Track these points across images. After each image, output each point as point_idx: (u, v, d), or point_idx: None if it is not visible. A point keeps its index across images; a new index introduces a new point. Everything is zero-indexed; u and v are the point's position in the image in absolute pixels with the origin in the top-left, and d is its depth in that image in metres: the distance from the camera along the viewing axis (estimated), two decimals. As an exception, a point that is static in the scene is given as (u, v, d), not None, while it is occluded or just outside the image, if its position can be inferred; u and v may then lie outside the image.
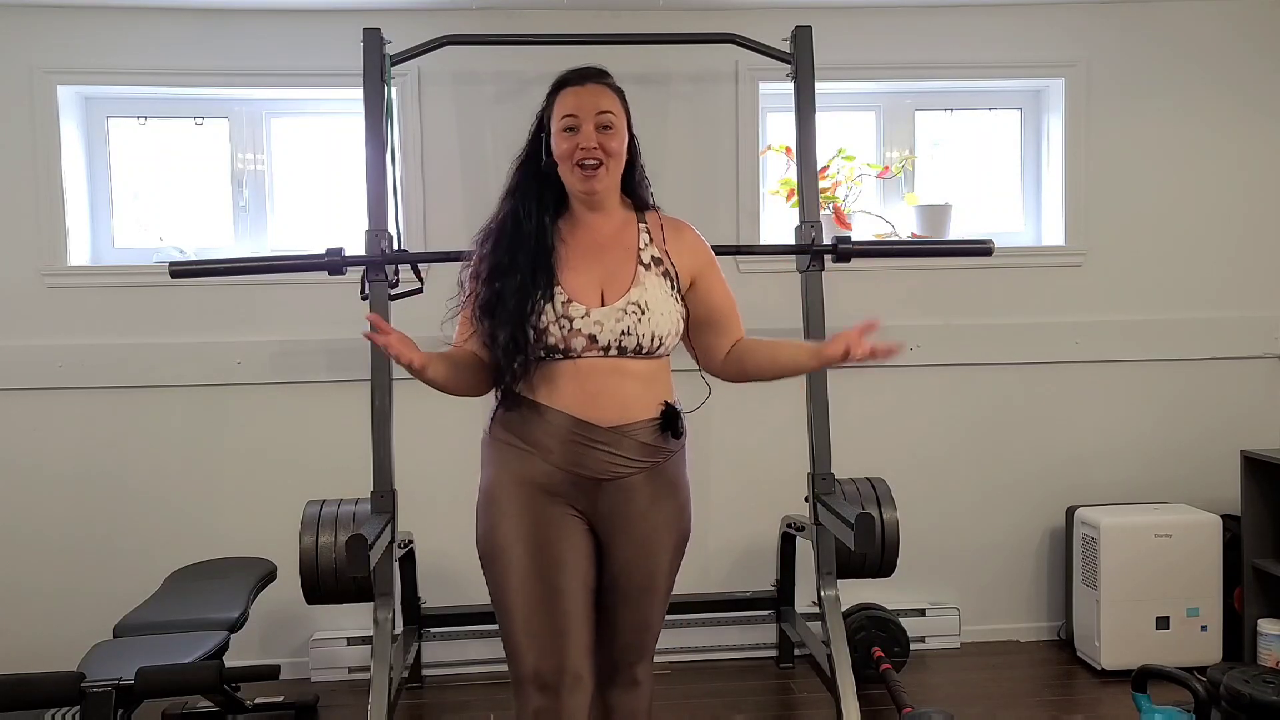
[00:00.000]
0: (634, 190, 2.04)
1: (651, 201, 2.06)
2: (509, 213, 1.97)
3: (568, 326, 1.87)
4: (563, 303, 1.88)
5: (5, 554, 3.39)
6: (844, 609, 2.92)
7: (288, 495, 3.13)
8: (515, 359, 1.87)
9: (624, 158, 1.97)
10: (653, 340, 1.90)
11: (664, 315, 1.92)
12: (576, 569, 1.92)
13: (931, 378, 3.59)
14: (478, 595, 3.19)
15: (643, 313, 1.89)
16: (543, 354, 1.88)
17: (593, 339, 1.88)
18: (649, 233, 2.00)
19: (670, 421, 1.95)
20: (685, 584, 3.44)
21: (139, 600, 2.71)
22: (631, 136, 2.01)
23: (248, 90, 3.45)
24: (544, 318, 1.87)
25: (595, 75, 1.98)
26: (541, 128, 1.99)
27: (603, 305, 1.90)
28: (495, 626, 1.98)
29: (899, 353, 1.93)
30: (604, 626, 2.01)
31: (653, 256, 1.97)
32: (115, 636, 2.47)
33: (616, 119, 1.95)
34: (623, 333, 1.88)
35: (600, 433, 1.89)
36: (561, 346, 1.87)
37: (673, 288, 1.96)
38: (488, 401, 2.03)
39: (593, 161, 1.91)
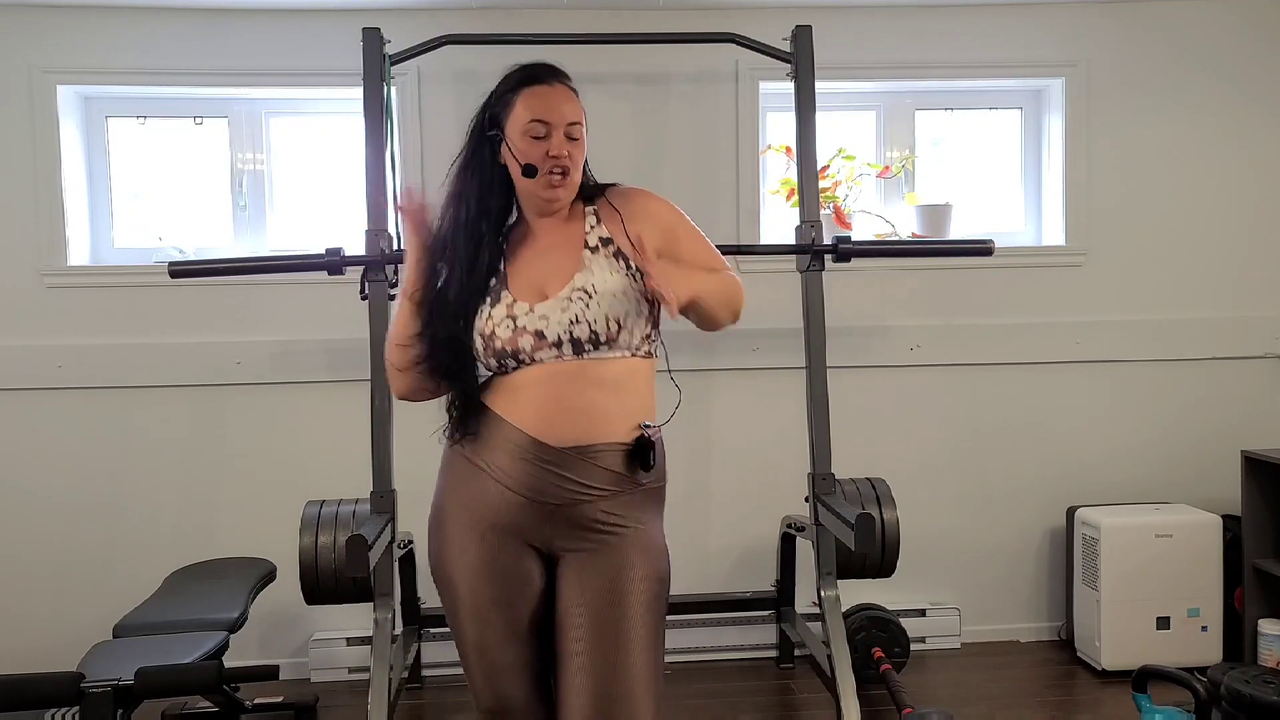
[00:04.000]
0: (582, 186, 1.88)
1: (595, 186, 1.89)
2: (452, 227, 1.81)
3: (512, 326, 1.73)
4: (508, 304, 1.76)
5: (5, 554, 3.39)
6: (844, 609, 2.92)
7: (288, 495, 3.13)
8: (455, 383, 1.78)
9: (582, 167, 1.84)
10: (608, 324, 1.73)
11: (615, 296, 1.74)
12: (526, 609, 1.78)
13: (931, 378, 3.59)
14: (478, 595, 3.20)
15: (590, 297, 1.73)
16: (496, 363, 1.76)
17: (540, 335, 1.72)
18: (596, 214, 1.83)
19: (642, 452, 1.76)
20: (685, 584, 3.47)
21: (139, 600, 2.71)
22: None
23: (247, 90, 3.45)
24: (491, 320, 1.75)
25: (561, 75, 1.83)
26: (492, 125, 1.82)
27: (547, 299, 1.75)
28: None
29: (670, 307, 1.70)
30: (573, 680, 1.73)
31: (600, 238, 1.80)
32: (115, 636, 2.47)
33: (582, 130, 1.81)
34: (571, 321, 1.72)
35: (557, 455, 1.72)
36: (510, 349, 1.73)
37: (628, 268, 1.77)
38: None
39: (560, 171, 1.77)
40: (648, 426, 1.79)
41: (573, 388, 1.74)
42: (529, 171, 1.77)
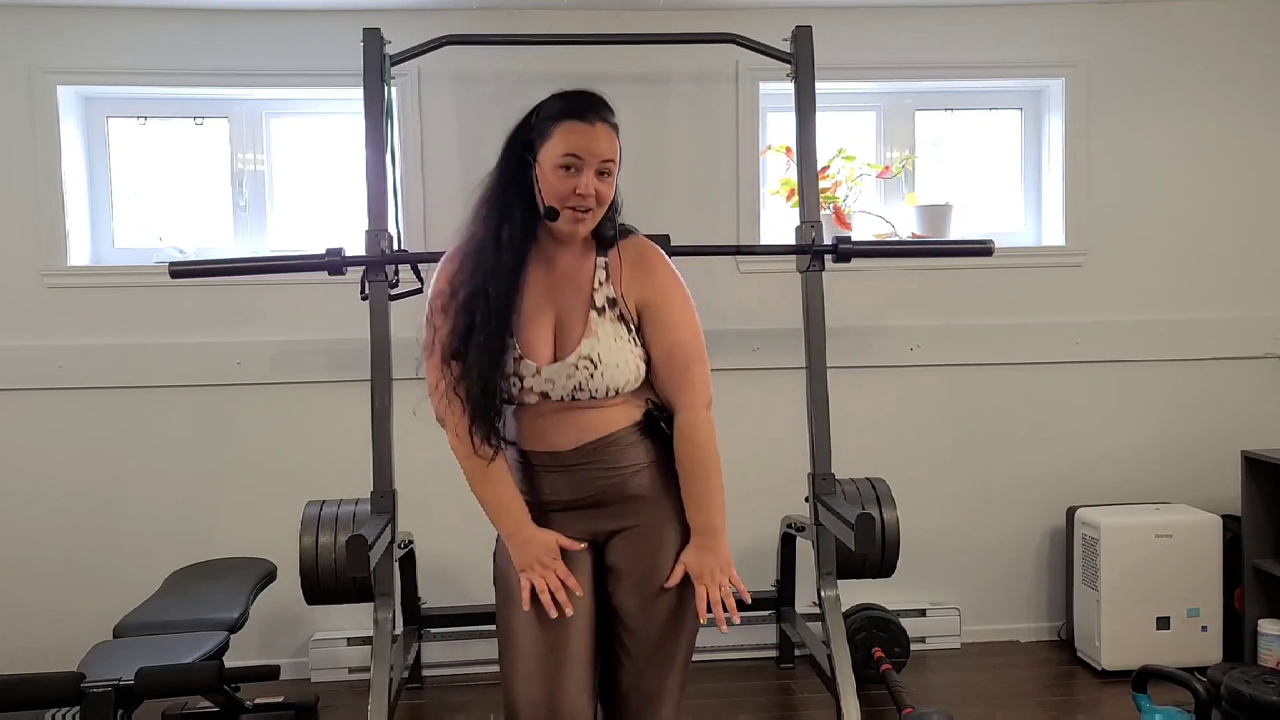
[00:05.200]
0: (601, 227, 1.85)
1: (613, 235, 1.87)
2: (488, 237, 1.80)
3: (519, 385, 1.79)
4: (515, 359, 1.78)
5: (5, 554, 3.39)
6: (844, 609, 2.92)
7: (288, 495, 3.14)
8: (487, 407, 1.77)
9: (608, 204, 1.83)
10: (607, 393, 1.79)
11: (619, 367, 1.79)
12: (580, 602, 1.83)
13: (931, 378, 3.59)
14: (478, 595, 3.20)
15: (595, 367, 1.78)
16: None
17: (545, 395, 1.79)
18: (606, 269, 1.84)
19: (653, 423, 1.84)
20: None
21: (139, 600, 2.71)
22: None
23: (248, 90, 3.45)
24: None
25: (603, 112, 1.80)
26: (528, 148, 1.81)
27: (554, 361, 1.79)
28: (495, 627, 1.95)
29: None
30: (615, 655, 1.88)
31: (608, 298, 1.83)
32: (115, 637, 2.47)
33: (614, 166, 1.80)
34: (575, 388, 1.78)
35: (574, 454, 1.82)
36: (515, 400, 1.80)
37: (629, 332, 1.82)
38: None
39: (585, 208, 1.78)
40: (653, 402, 1.85)
41: (571, 416, 1.81)
42: (550, 215, 1.78)
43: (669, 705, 1.90)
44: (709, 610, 1.85)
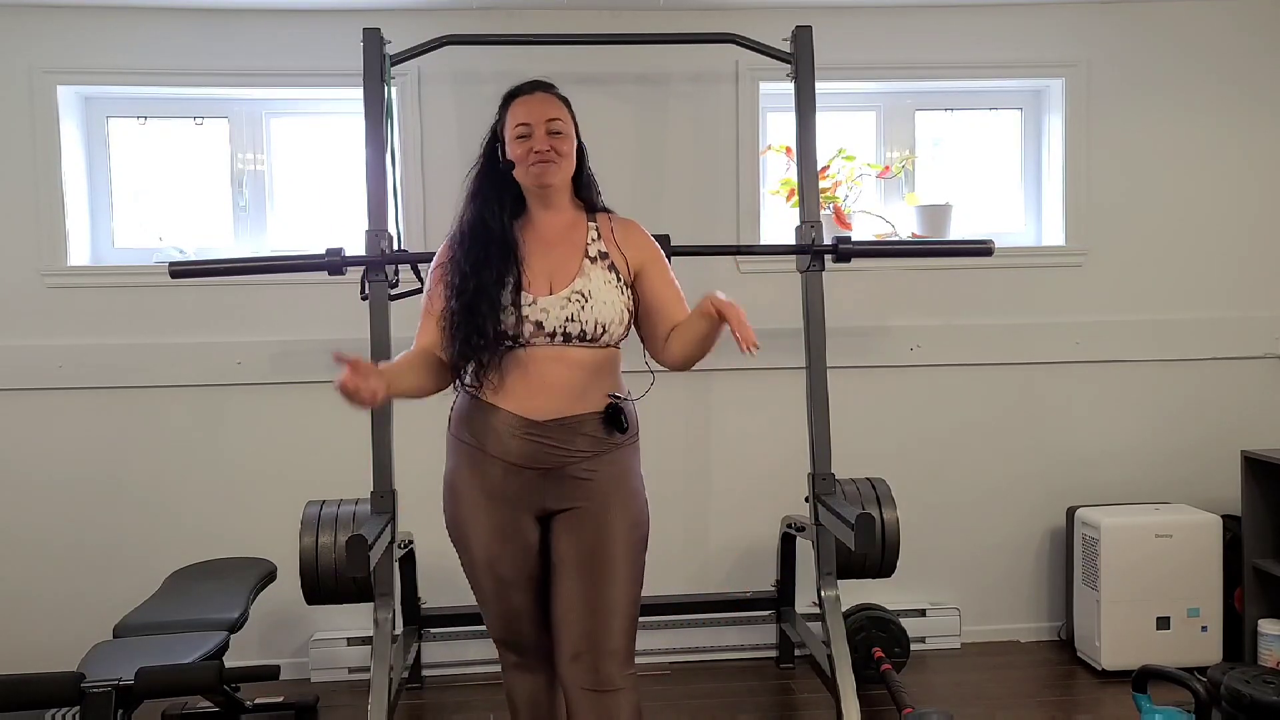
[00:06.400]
0: (583, 192, 2.17)
1: (600, 204, 2.19)
2: (476, 215, 2.10)
3: (515, 314, 2.01)
4: (514, 289, 2.03)
5: (5, 554, 3.39)
6: (844, 609, 2.92)
7: (288, 495, 3.14)
8: (483, 352, 1.99)
9: (574, 160, 2.12)
10: (596, 327, 2.03)
11: (606, 304, 2.04)
12: (526, 562, 2.09)
13: (931, 378, 3.59)
14: (478, 595, 3.20)
15: (586, 300, 2.02)
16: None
17: (539, 325, 2.00)
18: (597, 230, 2.13)
19: (614, 418, 2.06)
20: (685, 584, 3.48)
21: (139, 600, 2.71)
22: (579, 144, 2.15)
23: (248, 90, 3.45)
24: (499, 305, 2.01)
25: (543, 86, 2.15)
26: (496, 137, 2.14)
27: (550, 294, 2.03)
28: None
29: (750, 348, 1.83)
30: (562, 614, 2.05)
31: (599, 251, 2.10)
32: (115, 637, 2.47)
33: (565, 125, 2.09)
34: (568, 319, 2.01)
35: (542, 427, 2.01)
36: (512, 332, 2.00)
37: (618, 280, 2.08)
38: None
39: (545, 159, 2.05)
40: (616, 396, 2.08)
41: (553, 369, 2.02)
42: (507, 166, 2.09)
43: (623, 659, 2.04)
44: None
